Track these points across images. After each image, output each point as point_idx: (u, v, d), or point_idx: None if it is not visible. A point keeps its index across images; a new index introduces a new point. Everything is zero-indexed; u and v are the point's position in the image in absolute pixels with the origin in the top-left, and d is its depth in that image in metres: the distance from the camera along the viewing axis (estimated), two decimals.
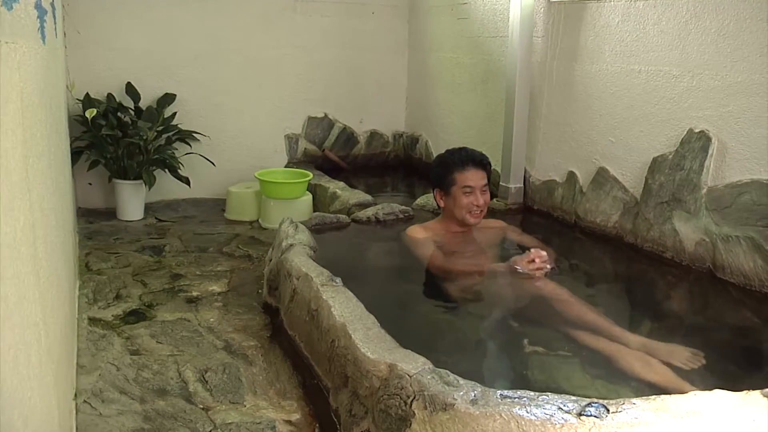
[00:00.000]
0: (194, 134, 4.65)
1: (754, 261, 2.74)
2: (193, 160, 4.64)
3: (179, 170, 4.43)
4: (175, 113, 4.59)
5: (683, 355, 2.24)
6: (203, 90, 4.84)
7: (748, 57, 2.79)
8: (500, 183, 4.09)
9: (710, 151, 2.95)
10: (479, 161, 3.17)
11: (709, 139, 2.95)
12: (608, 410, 1.58)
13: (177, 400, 2.31)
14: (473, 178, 3.13)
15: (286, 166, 5.13)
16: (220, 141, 4.89)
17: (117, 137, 4.20)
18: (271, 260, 3.05)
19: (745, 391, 1.74)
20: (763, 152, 2.75)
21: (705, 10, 2.97)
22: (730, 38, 2.86)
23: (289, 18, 5.08)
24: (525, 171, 4.10)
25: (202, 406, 2.28)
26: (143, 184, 4.32)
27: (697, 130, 3.01)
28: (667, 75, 3.17)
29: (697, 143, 3.00)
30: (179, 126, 4.58)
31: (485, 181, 3.17)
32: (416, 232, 3.20)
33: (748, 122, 2.81)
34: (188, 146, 4.65)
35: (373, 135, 5.63)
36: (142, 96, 4.51)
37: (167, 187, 4.66)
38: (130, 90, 4.50)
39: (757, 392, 1.75)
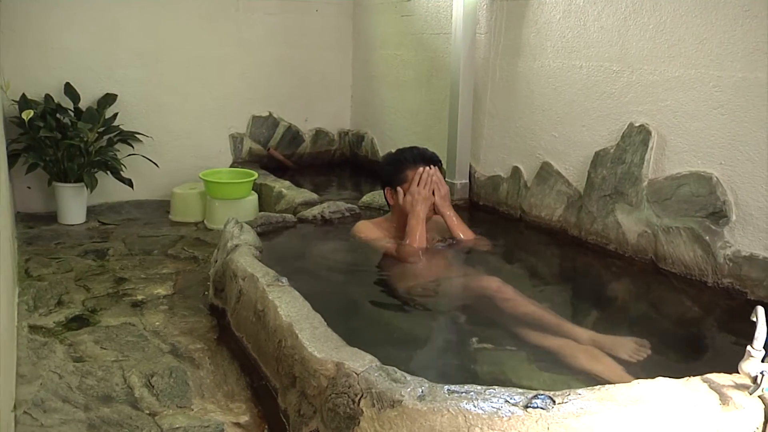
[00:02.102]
0: (137, 135, 4.57)
1: (694, 251, 2.81)
2: (136, 162, 4.56)
3: (122, 172, 4.36)
4: (116, 114, 4.51)
5: (630, 346, 2.28)
6: (145, 90, 4.76)
7: (685, 52, 2.86)
8: (446, 179, 4.10)
9: (650, 145, 3.01)
10: (431, 159, 3.18)
11: (649, 133, 3.01)
12: (554, 401, 1.60)
13: (122, 406, 2.27)
14: None
15: (231, 166, 5.08)
16: (163, 142, 4.81)
17: (56, 139, 4.10)
18: (216, 261, 3.02)
19: (685, 378, 1.79)
20: (701, 145, 2.82)
21: (643, 7, 3.03)
22: (668, 34, 2.93)
23: (232, 16, 5.04)
24: (470, 167, 4.13)
25: (148, 412, 2.25)
26: (84, 187, 4.23)
27: (637, 124, 3.07)
28: (608, 70, 3.23)
29: (637, 137, 3.06)
30: (121, 127, 4.50)
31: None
32: (364, 228, 3.20)
33: (685, 116, 2.88)
34: (131, 147, 4.56)
35: (319, 133, 5.61)
36: (81, 96, 4.41)
37: (109, 189, 4.57)
38: (69, 90, 4.40)
39: (698, 378, 1.80)
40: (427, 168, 3.09)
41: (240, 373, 2.50)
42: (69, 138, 4.11)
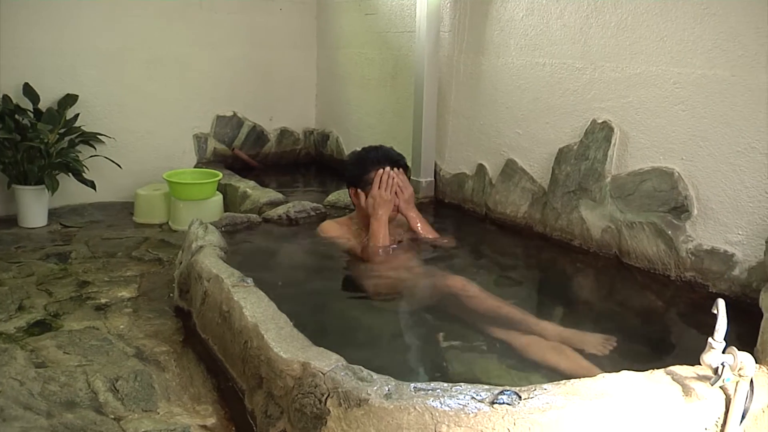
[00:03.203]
0: (99, 136, 4.51)
1: (657, 245, 2.85)
2: (99, 163, 4.50)
3: (84, 174, 4.29)
4: (77, 114, 4.44)
5: (596, 341, 2.30)
6: (107, 90, 4.70)
7: (646, 49, 2.89)
8: (411, 177, 4.12)
9: (613, 141, 3.04)
10: (395, 160, 3.18)
11: (611, 129, 3.04)
12: (520, 397, 1.61)
13: (87, 411, 2.24)
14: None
15: (195, 167, 5.04)
16: (126, 142, 4.75)
17: (15, 141, 4.03)
18: (181, 263, 2.99)
19: (649, 371, 1.82)
20: (663, 141, 2.85)
21: (605, 5, 3.05)
22: (629, 31, 2.96)
23: (194, 15, 4.99)
24: (435, 165, 4.14)
25: (113, 417, 2.22)
26: (46, 189, 4.16)
27: (600, 121, 3.10)
28: (571, 67, 3.26)
29: (600, 133, 3.09)
30: (82, 128, 4.43)
31: (403, 178, 3.18)
32: (329, 227, 3.19)
33: (647, 112, 2.91)
34: (93, 149, 4.50)
35: (284, 133, 5.59)
36: (41, 97, 4.33)
37: (72, 191, 4.50)
38: (28, 91, 4.31)
39: (661, 371, 1.82)
40: (389, 170, 3.09)
41: (206, 376, 2.48)
42: (29, 139, 4.04)
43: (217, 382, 2.42)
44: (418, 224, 3.19)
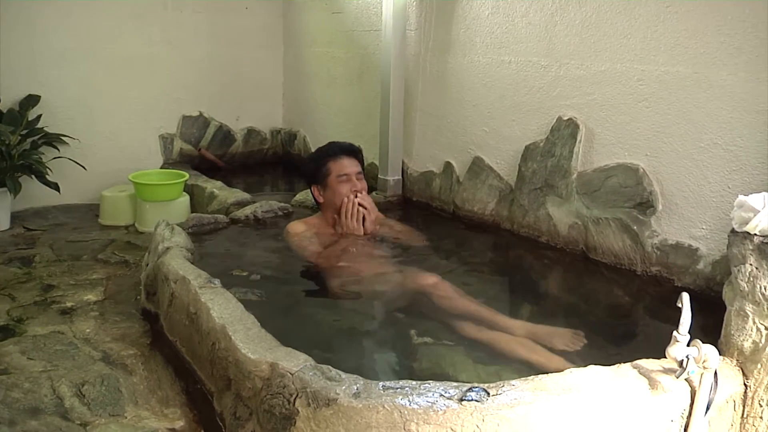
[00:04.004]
0: (62, 137, 4.45)
1: (623, 241, 2.87)
2: (63, 165, 4.43)
3: (47, 176, 4.23)
4: (40, 115, 4.38)
5: (565, 337, 2.32)
6: (70, 90, 4.64)
7: (610, 47, 2.92)
8: (378, 176, 4.12)
9: (578, 138, 3.06)
10: (349, 149, 3.24)
11: (577, 126, 3.07)
12: (488, 393, 1.62)
13: (52, 418, 2.20)
14: (348, 165, 3.19)
15: (161, 167, 4.99)
16: (90, 144, 4.68)
17: None
18: (147, 265, 2.96)
19: (616, 365, 1.83)
20: (627, 137, 2.88)
21: (569, 3, 3.08)
22: (593, 29, 2.98)
23: (159, 13, 4.94)
24: (403, 163, 4.14)
25: (79, 422, 2.19)
26: (8, 192, 4.08)
27: (565, 118, 3.12)
28: (536, 65, 3.28)
29: (566, 130, 3.11)
30: (45, 129, 4.37)
31: (359, 168, 3.23)
32: (297, 228, 3.18)
33: (612, 109, 2.94)
34: (56, 150, 4.43)
35: (251, 132, 5.56)
36: (2, 98, 4.27)
37: (35, 193, 4.43)
38: None
39: (628, 365, 1.84)
40: (353, 197, 3.12)
41: (174, 378, 2.46)
42: None
43: (185, 384, 2.40)
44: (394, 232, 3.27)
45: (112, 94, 4.82)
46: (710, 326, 2.07)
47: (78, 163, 4.43)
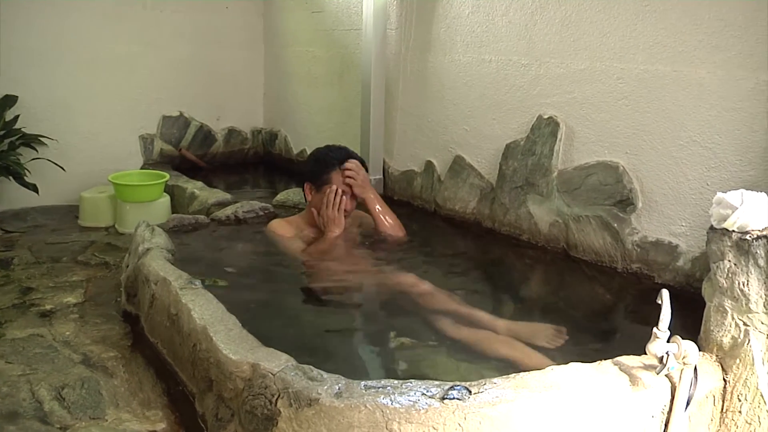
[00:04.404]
0: (40, 138, 4.41)
1: (604, 238, 2.89)
2: (41, 166, 4.38)
3: (25, 177, 4.18)
4: (17, 116, 4.33)
5: (547, 334, 2.32)
6: (48, 91, 4.59)
7: (590, 46, 2.93)
8: None
9: (559, 136, 3.07)
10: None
11: (557, 125, 3.08)
12: (470, 392, 1.62)
13: (31, 422, 2.17)
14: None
15: (142, 168, 4.96)
16: (69, 144, 4.64)
17: None
18: (128, 266, 2.94)
19: (597, 362, 1.84)
20: (607, 135, 2.89)
21: (549, 2, 3.09)
22: (573, 28, 3.00)
23: (138, 13, 4.91)
24: (384, 162, 4.14)
25: (59, 426, 2.16)
26: None
27: (546, 116, 3.14)
28: (516, 64, 3.29)
29: (546, 129, 3.13)
30: (23, 130, 4.32)
31: None
32: (279, 226, 3.17)
33: (592, 107, 2.96)
34: (34, 151, 4.39)
35: (231, 132, 5.54)
36: None
37: (13, 195, 4.40)
38: None
39: (608, 361, 1.85)
40: (335, 188, 3.05)
41: (156, 380, 2.44)
42: None
43: (166, 386, 2.38)
44: (377, 206, 3.21)
45: (92, 95, 4.78)
46: (690, 322, 2.09)
47: (57, 164, 4.39)
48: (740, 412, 1.90)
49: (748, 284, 1.86)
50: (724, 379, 1.94)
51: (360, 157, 3.23)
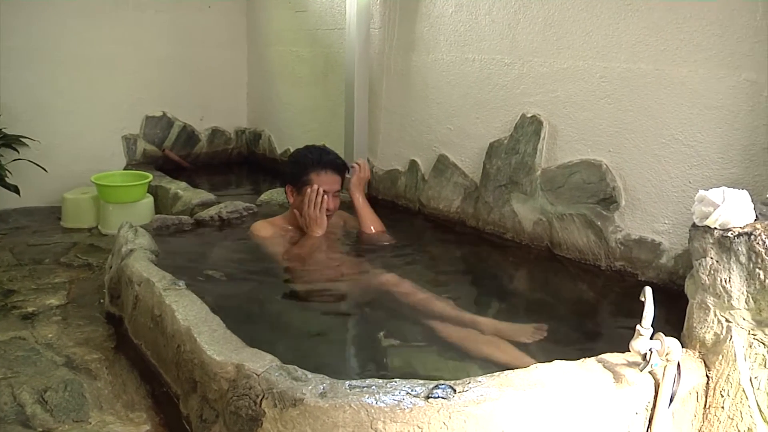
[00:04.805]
0: (22, 139, 4.38)
1: (587, 236, 2.90)
2: (23, 167, 4.35)
3: (6, 178, 4.16)
4: None
5: (528, 330, 2.33)
6: (29, 91, 4.55)
7: (573, 44, 2.94)
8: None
9: (542, 135, 3.08)
10: (337, 166, 3.14)
11: (540, 123, 3.09)
12: (455, 390, 1.62)
13: (12, 426, 2.16)
14: (328, 182, 3.08)
15: (125, 169, 4.93)
16: (51, 145, 4.59)
17: None
18: (111, 267, 2.92)
19: (582, 360, 1.85)
20: (590, 134, 2.91)
21: (532, 1, 3.10)
22: (556, 27, 3.01)
23: (121, 13, 4.88)
24: (368, 162, 4.13)
25: (41, 429, 2.15)
26: None
27: (529, 115, 3.14)
28: (500, 63, 3.29)
29: (529, 127, 3.13)
30: (4, 131, 4.29)
31: (339, 186, 3.14)
32: (262, 227, 3.16)
33: (575, 106, 2.97)
34: (16, 152, 4.36)
35: (215, 132, 5.52)
36: None
37: None
38: None
39: (592, 359, 1.86)
40: (317, 188, 3.03)
41: (140, 382, 2.43)
42: None
43: (151, 388, 2.37)
44: (363, 207, 3.28)
45: (74, 95, 4.75)
46: (673, 319, 2.10)
47: (39, 165, 4.35)
48: (723, 407, 1.92)
49: (729, 281, 1.87)
50: (706, 375, 1.95)
51: (338, 156, 3.22)
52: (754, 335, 1.85)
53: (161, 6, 5.05)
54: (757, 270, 1.80)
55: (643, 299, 1.75)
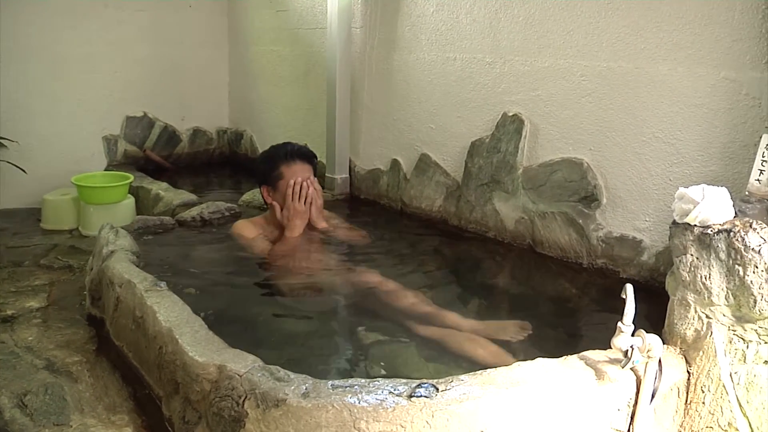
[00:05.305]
0: (0, 140, 4.33)
1: (569, 234, 2.91)
2: (1, 168, 4.31)
3: None
4: None
5: (511, 329, 2.34)
6: (7, 92, 4.49)
7: (554, 43, 2.95)
8: (326, 174, 4.11)
9: (524, 133, 3.09)
10: (305, 155, 3.16)
11: (522, 122, 3.10)
12: (438, 389, 1.62)
13: None
14: (300, 171, 3.10)
15: (105, 170, 4.89)
16: (30, 146, 4.55)
17: None
18: (92, 269, 2.90)
19: (564, 357, 1.86)
20: (571, 132, 2.92)
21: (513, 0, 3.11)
22: (537, 26, 3.02)
23: (100, 12, 4.83)
24: (350, 161, 4.14)
25: None
26: None
27: (510, 114, 3.15)
28: (481, 62, 3.30)
29: (511, 126, 3.14)
30: None
31: (311, 174, 3.16)
32: (244, 227, 3.15)
33: (556, 104, 2.98)
34: None
35: (196, 132, 5.49)
36: None
37: None
38: None
39: (574, 356, 1.87)
40: (300, 180, 3.05)
41: (122, 384, 2.41)
42: None
43: (133, 390, 2.35)
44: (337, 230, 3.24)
45: (53, 95, 4.70)
46: (654, 316, 2.11)
47: (17, 167, 4.31)
48: (704, 403, 1.93)
49: (709, 278, 1.88)
50: (687, 371, 1.96)
51: (303, 146, 3.23)
52: (734, 331, 1.87)
53: (141, 5, 5.01)
54: (737, 266, 1.82)
55: (624, 296, 1.76)
